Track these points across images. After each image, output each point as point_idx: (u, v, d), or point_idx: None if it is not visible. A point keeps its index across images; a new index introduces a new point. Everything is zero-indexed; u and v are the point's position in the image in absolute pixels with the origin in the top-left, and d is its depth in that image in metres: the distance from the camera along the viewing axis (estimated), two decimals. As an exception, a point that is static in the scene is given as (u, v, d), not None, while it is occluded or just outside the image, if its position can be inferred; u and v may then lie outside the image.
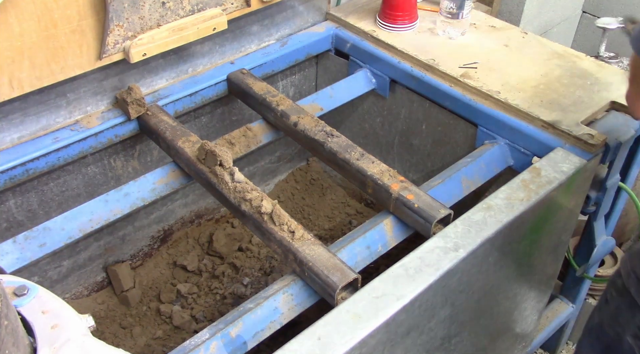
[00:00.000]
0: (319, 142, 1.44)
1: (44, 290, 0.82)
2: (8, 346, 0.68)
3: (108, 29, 1.35)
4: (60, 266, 1.67)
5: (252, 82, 1.60)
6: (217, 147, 1.34)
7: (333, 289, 1.10)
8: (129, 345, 1.69)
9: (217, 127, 1.81)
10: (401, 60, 1.69)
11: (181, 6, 1.45)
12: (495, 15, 2.50)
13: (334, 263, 1.14)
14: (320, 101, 1.67)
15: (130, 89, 1.46)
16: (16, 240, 1.29)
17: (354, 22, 1.82)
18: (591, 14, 2.91)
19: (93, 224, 1.35)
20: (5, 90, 1.28)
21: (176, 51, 1.57)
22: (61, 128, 1.46)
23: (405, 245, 1.38)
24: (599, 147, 1.39)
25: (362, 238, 1.26)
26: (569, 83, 1.57)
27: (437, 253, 1.13)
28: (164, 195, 1.44)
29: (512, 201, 1.24)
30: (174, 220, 1.90)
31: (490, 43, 1.73)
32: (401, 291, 1.06)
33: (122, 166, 1.65)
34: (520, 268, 1.42)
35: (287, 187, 2.13)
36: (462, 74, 1.59)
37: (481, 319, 1.40)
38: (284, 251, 1.20)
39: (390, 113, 1.84)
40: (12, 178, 1.38)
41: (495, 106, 1.53)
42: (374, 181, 1.33)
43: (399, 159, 1.92)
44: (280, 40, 1.79)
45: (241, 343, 1.09)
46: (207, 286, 1.83)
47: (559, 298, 1.97)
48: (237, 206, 1.28)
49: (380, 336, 1.04)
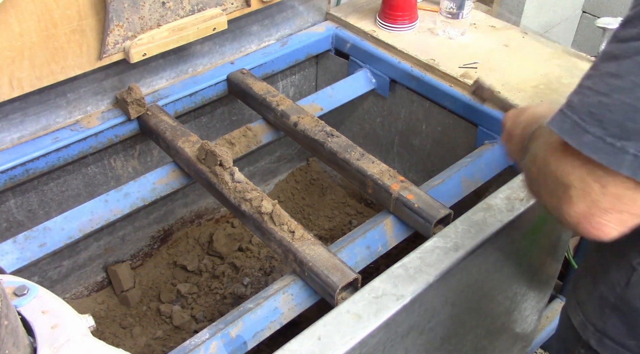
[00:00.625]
0: (319, 142, 1.44)
1: (44, 290, 0.82)
2: (8, 346, 0.68)
3: (108, 29, 1.35)
4: (60, 266, 1.67)
5: (252, 82, 1.60)
6: (217, 147, 1.34)
7: (333, 289, 1.10)
8: (129, 345, 1.69)
9: (217, 127, 1.81)
10: (401, 60, 1.69)
11: (181, 6, 1.45)
12: (495, 15, 2.50)
13: (334, 263, 1.14)
14: (320, 101, 1.67)
15: (130, 89, 1.46)
16: (16, 240, 1.29)
17: (354, 22, 1.82)
18: (591, 14, 2.91)
19: (93, 224, 1.35)
20: (5, 90, 1.28)
21: (176, 51, 1.57)
22: (61, 128, 1.46)
23: (405, 245, 1.38)
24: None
25: (362, 238, 1.26)
26: (569, 83, 1.57)
27: (437, 253, 1.13)
28: (164, 195, 1.44)
29: (512, 201, 1.24)
30: (174, 220, 1.90)
31: (490, 43, 1.73)
32: (401, 291, 1.06)
33: (122, 166, 1.65)
34: (520, 268, 1.42)
35: (287, 187, 2.13)
36: (462, 74, 1.59)
37: (481, 319, 1.40)
38: (284, 251, 1.20)
39: (390, 113, 1.84)
40: (12, 178, 1.38)
41: (495, 106, 1.52)
42: (374, 181, 1.33)
43: (399, 159, 1.92)
44: (280, 40, 1.79)
45: (241, 343, 1.09)
46: (207, 286, 1.83)
47: (559, 298, 1.97)
48: (237, 206, 1.28)
49: (380, 336, 1.04)
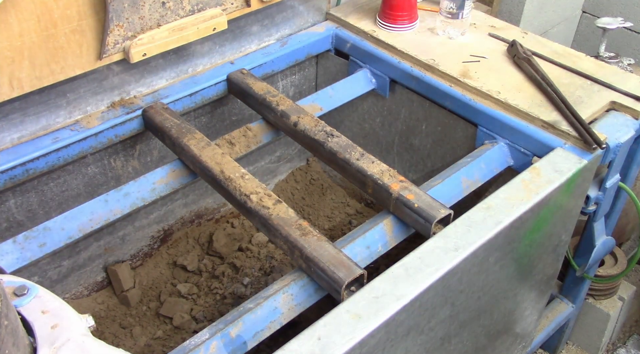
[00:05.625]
0: (319, 142, 1.44)
1: (44, 290, 0.82)
2: (8, 346, 0.68)
3: (108, 29, 1.35)
4: (60, 266, 1.67)
5: (252, 82, 1.60)
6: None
7: (339, 285, 1.11)
8: (129, 345, 1.69)
9: (217, 127, 1.81)
10: (401, 60, 1.69)
11: (181, 6, 1.45)
12: (495, 15, 2.50)
13: (340, 260, 1.14)
14: (320, 101, 1.67)
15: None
16: (16, 240, 1.29)
17: (354, 22, 1.82)
18: (591, 14, 2.91)
19: (93, 224, 1.35)
20: (5, 90, 1.28)
21: (176, 51, 1.57)
22: (61, 128, 1.46)
23: (405, 245, 1.38)
24: (599, 147, 1.39)
25: (362, 238, 1.26)
26: (569, 83, 1.57)
27: (437, 253, 1.13)
28: (164, 195, 1.44)
29: (512, 201, 1.24)
30: (174, 220, 1.90)
31: (490, 43, 1.73)
32: (401, 291, 1.06)
33: (122, 166, 1.65)
34: (520, 268, 1.42)
35: (287, 187, 2.13)
36: (462, 74, 1.59)
37: (481, 319, 1.40)
38: (290, 247, 1.20)
39: (390, 113, 1.84)
40: (12, 178, 1.38)
41: (495, 106, 1.53)
42: (374, 181, 1.33)
43: (399, 159, 1.92)
44: (280, 40, 1.79)
45: (241, 343, 1.09)
46: (207, 286, 1.83)
47: (559, 298, 1.97)
48: (242, 202, 1.29)
49: (380, 336, 1.04)
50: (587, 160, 1.36)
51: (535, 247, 1.41)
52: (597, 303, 2.05)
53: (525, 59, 1.59)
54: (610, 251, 1.88)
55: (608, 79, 1.58)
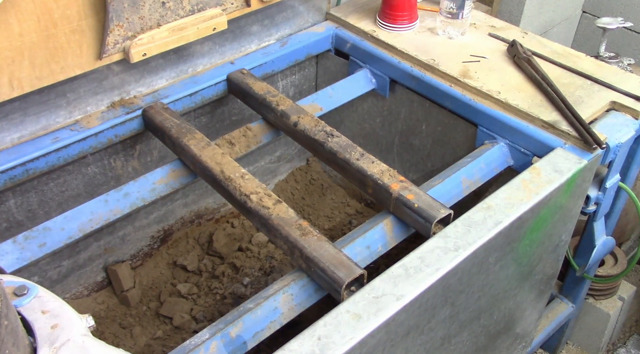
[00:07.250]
0: (319, 142, 1.44)
1: (44, 290, 0.82)
2: (8, 346, 0.68)
3: (108, 28, 1.35)
4: (60, 266, 1.67)
5: (252, 82, 1.60)
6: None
7: (339, 285, 1.11)
8: (129, 345, 1.69)
9: (217, 127, 1.81)
10: (401, 60, 1.69)
11: (181, 6, 1.45)
12: (495, 15, 2.50)
13: (340, 260, 1.14)
14: (320, 101, 1.67)
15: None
16: (16, 240, 1.29)
17: (354, 22, 1.82)
18: (591, 14, 2.91)
19: (93, 224, 1.35)
20: (5, 90, 1.28)
21: (176, 51, 1.57)
22: (61, 128, 1.46)
23: (405, 245, 1.38)
24: (599, 147, 1.39)
25: (362, 238, 1.26)
26: (569, 83, 1.57)
27: (437, 253, 1.13)
28: (164, 195, 1.44)
29: (512, 201, 1.24)
30: (174, 220, 1.90)
31: (490, 43, 1.73)
32: (401, 291, 1.06)
33: (122, 166, 1.65)
34: (520, 268, 1.42)
35: (287, 187, 2.13)
36: (462, 74, 1.59)
37: (481, 319, 1.40)
38: (290, 247, 1.20)
39: (390, 113, 1.84)
40: (12, 178, 1.38)
41: (495, 106, 1.53)
42: (374, 181, 1.33)
43: (399, 159, 1.92)
44: (280, 40, 1.79)
45: (241, 343, 1.09)
46: (207, 286, 1.83)
47: (559, 298, 1.97)
48: (242, 202, 1.29)
49: (380, 336, 1.04)
50: (587, 160, 1.36)
51: (535, 247, 1.41)
52: (597, 303, 2.05)
53: (525, 59, 1.59)
54: (610, 251, 1.88)
55: (608, 79, 1.58)
